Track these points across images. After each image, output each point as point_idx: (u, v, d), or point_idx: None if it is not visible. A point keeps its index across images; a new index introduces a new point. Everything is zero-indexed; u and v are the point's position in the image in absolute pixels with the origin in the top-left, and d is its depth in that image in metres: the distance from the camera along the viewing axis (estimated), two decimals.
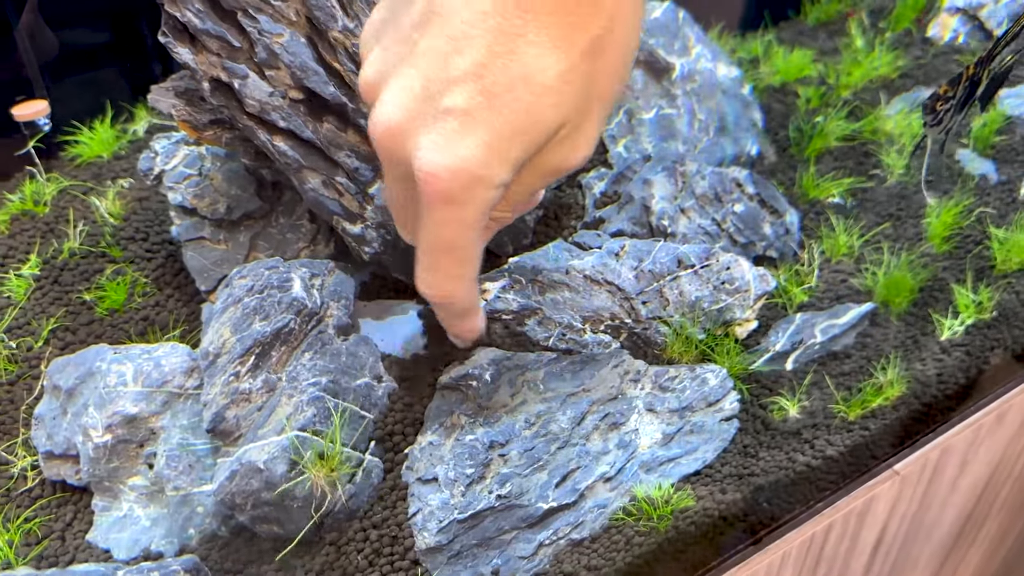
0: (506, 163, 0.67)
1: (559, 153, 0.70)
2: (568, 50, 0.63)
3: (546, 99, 0.64)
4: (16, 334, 1.00)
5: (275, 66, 0.85)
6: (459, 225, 0.70)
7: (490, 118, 0.65)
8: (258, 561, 0.81)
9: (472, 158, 0.65)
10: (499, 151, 0.66)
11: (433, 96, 0.65)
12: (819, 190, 1.16)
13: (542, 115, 0.65)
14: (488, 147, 0.65)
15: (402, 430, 0.89)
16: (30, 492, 0.89)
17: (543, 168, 0.71)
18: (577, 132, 0.69)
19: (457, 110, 0.64)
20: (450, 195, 0.67)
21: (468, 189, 0.67)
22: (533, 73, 0.63)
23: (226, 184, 0.99)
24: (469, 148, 0.65)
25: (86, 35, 1.35)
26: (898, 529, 1.11)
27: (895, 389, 0.95)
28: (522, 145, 0.67)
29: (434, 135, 0.65)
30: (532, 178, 0.72)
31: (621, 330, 0.94)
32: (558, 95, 0.65)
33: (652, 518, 0.83)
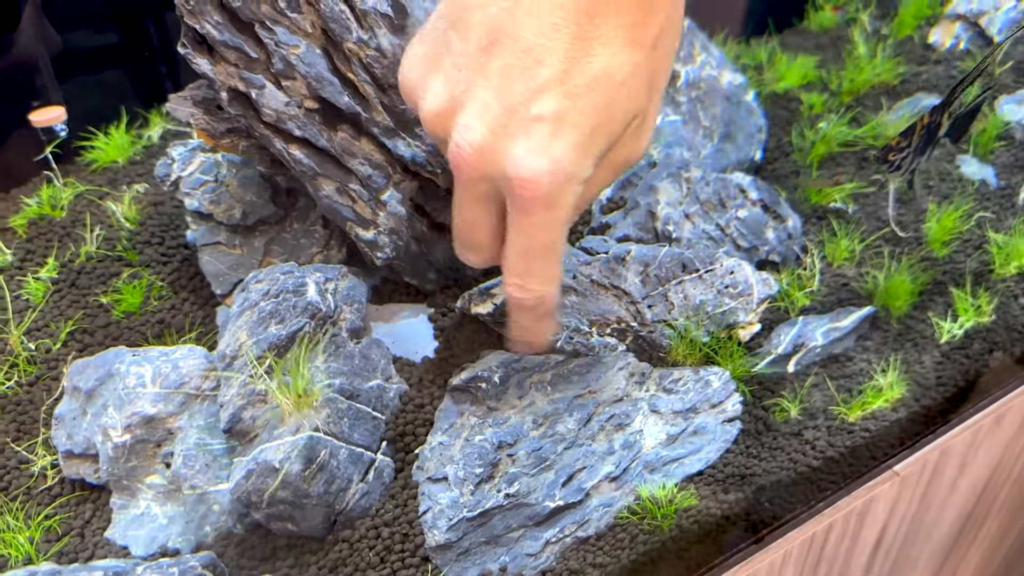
0: (592, 157, 0.72)
1: (628, 144, 0.75)
2: (636, 47, 0.69)
3: (622, 93, 0.70)
4: (35, 336, 1.02)
5: (291, 76, 0.87)
6: (556, 224, 0.74)
7: (577, 118, 0.70)
8: (272, 558, 0.83)
9: (566, 158, 0.70)
10: (586, 147, 0.71)
11: (518, 108, 0.70)
12: (821, 195, 1.18)
13: (620, 108, 0.71)
14: (578, 145, 0.70)
15: (413, 431, 0.91)
16: (50, 490, 0.91)
17: (616, 160, 0.76)
18: (643, 123, 0.75)
19: (549, 115, 0.69)
20: (549, 197, 0.71)
21: (564, 188, 0.71)
22: (610, 71, 0.69)
23: (242, 190, 1.01)
24: (563, 149, 0.70)
25: (98, 40, 1.37)
26: (898, 529, 1.13)
27: (895, 391, 0.97)
28: (605, 138, 0.72)
29: (530, 143, 0.70)
30: (606, 172, 0.77)
31: (627, 333, 0.96)
32: (631, 89, 0.70)
33: (656, 517, 0.84)
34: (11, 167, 1.26)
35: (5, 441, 0.94)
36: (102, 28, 1.36)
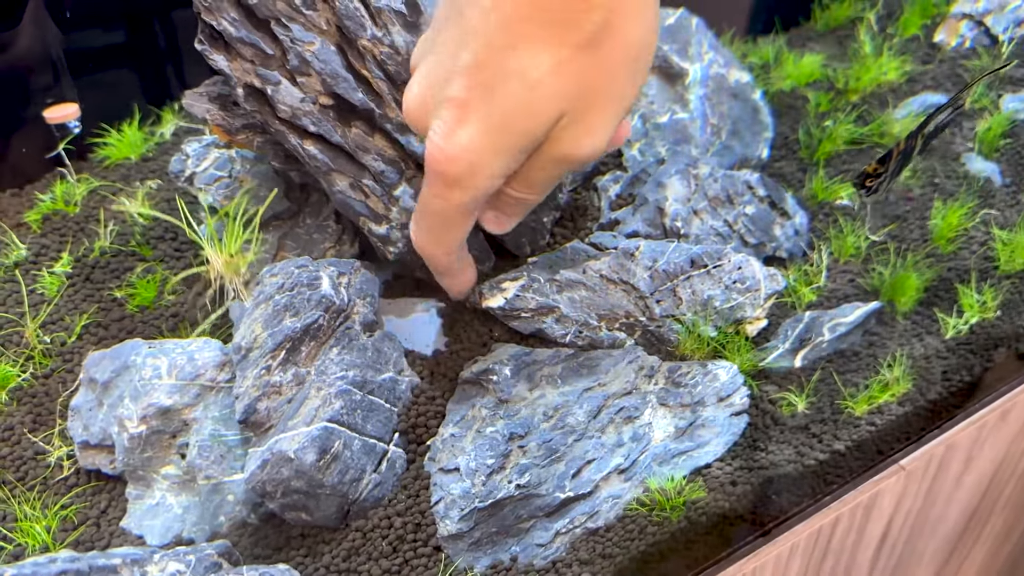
0: (502, 153, 0.72)
1: (564, 143, 0.74)
2: (561, 45, 0.68)
3: (539, 92, 0.69)
4: (50, 329, 1.03)
5: (306, 73, 0.88)
6: (449, 205, 0.76)
7: (486, 109, 0.70)
8: (286, 547, 0.84)
9: (468, 147, 0.71)
10: (494, 141, 0.71)
11: (441, 85, 0.72)
12: (828, 192, 1.19)
13: (536, 107, 0.70)
14: (483, 137, 0.71)
15: (425, 422, 0.92)
16: (66, 481, 0.92)
17: (553, 157, 0.75)
18: (579, 124, 0.73)
19: (456, 100, 0.70)
20: (446, 178, 0.73)
21: (465, 176, 0.73)
22: (527, 68, 0.68)
23: (256, 186, 1.02)
24: (468, 137, 0.71)
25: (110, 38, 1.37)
26: (904, 524, 1.13)
27: (901, 386, 0.98)
28: (516, 138, 0.72)
29: (439, 121, 0.72)
30: (546, 165, 0.76)
31: (636, 327, 0.97)
32: (550, 88, 0.69)
33: (665, 509, 0.85)
34: (25, 163, 1.27)
35: (22, 432, 0.95)
36: (114, 26, 1.37)
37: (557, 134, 0.73)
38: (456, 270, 0.91)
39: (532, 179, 0.78)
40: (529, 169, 0.77)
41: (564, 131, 0.73)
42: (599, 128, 0.74)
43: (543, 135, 0.72)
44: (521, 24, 0.67)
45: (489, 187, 0.75)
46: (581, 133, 0.73)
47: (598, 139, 0.74)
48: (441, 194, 0.75)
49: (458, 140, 0.71)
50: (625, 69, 0.71)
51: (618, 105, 0.74)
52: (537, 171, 0.77)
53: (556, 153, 0.75)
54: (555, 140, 0.73)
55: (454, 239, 0.83)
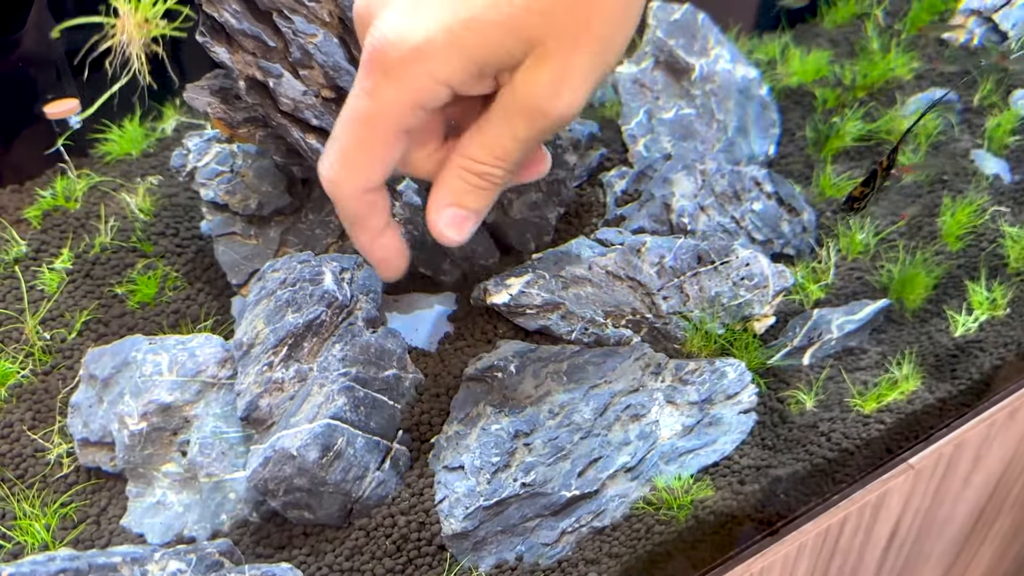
0: (458, 50, 0.61)
1: (538, 86, 0.62)
2: None
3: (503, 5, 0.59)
4: (50, 326, 1.03)
5: (309, 65, 0.87)
6: (382, 102, 0.63)
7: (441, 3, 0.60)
8: (289, 546, 0.83)
9: (420, 30, 0.60)
10: (451, 35, 0.60)
11: None
12: (835, 189, 1.18)
13: (511, 14, 0.59)
14: (440, 25, 0.60)
15: (428, 420, 0.91)
16: (66, 478, 0.91)
17: (523, 104, 0.63)
18: (557, 65, 0.62)
19: None
20: (385, 63, 0.61)
21: (406, 62, 0.61)
22: None
23: (257, 181, 1.01)
24: (421, 21, 0.60)
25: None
26: (912, 523, 1.12)
27: (910, 384, 0.97)
28: (483, 38, 0.60)
29: (390, 9, 0.61)
30: (513, 119, 0.65)
31: (642, 324, 0.96)
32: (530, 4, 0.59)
33: (672, 508, 0.84)
34: (25, 159, 1.27)
35: (21, 429, 0.94)
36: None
37: (530, 71, 0.62)
38: (374, 226, 0.72)
39: (497, 137, 0.65)
40: (494, 122, 0.65)
41: (539, 69, 0.62)
42: (580, 77, 0.63)
43: (512, 56, 0.61)
44: None
45: (431, 93, 0.62)
46: (559, 78, 0.62)
47: (578, 91, 0.63)
48: (373, 89, 0.62)
49: (408, 23, 0.60)
50: (616, 12, 0.62)
51: (603, 54, 0.63)
52: (502, 127, 0.65)
53: (528, 98, 0.63)
54: (528, 79, 0.62)
55: (374, 166, 0.67)
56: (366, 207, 0.70)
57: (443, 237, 0.70)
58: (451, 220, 0.69)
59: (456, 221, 0.69)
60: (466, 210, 0.69)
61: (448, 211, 0.69)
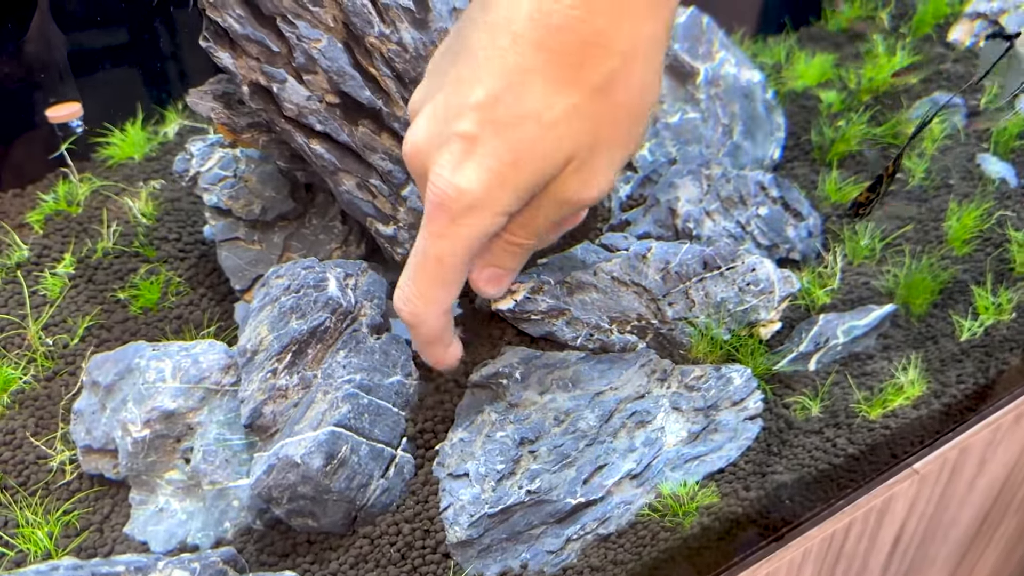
0: (509, 192, 0.70)
1: (571, 186, 0.72)
2: (577, 88, 0.67)
3: (551, 133, 0.68)
4: (52, 331, 1.02)
5: (313, 71, 0.87)
6: (452, 242, 0.73)
7: (496, 146, 0.68)
8: (293, 554, 0.83)
9: (476, 182, 0.69)
10: (502, 179, 0.69)
11: (450, 120, 0.70)
12: (841, 194, 1.17)
13: (547, 148, 0.69)
14: (492, 174, 0.69)
15: (433, 427, 0.90)
16: (68, 485, 0.91)
17: (557, 199, 0.74)
18: (587, 168, 0.72)
19: (466, 136, 0.69)
20: (452, 212, 0.71)
21: (469, 211, 0.70)
22: (541, 109, 0.67)
23: (261, 186, 1.01)
24: (474, 173, 0.69)
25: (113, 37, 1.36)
26: (916, 528, 1.12)
27: (915, 389, 0.96)
28: (527, 176, 0.70)
29: (446, 155, 0.70)
30: (549, 209, 0.75)
31: (647, 330, 0.95)
32: (564, 130, 0.68)
33: (677, 514, 0.84)
34: (27, 163, 1.26)
35: (24, 436, 0.94)
36: (118, 25, 1.36)
37: (564, 177, 0.72)
38: (447, 340, 0.85)
39: (533, 223, 0.76)
40: (531, 211, 0.75)
41: (571, 175, 0.72)
42: (605, 172, 0.73)
43: (552, 175, 0.71)
44: (539, 65, 0.66)
45: (494, 226, 0.73)
46: (588, 177, 0.72)
47: (603, 183, 0.73)
48: (445, 232, 0.72)
49: (466, 173, 0.69)
50: (634, 115, 0.71)
51: (625, 150, 0.73)
52: (539, 214, 0.75)
53: (561, 196, 0.73)
54: (561, 183, 0.72)
55: (449, 293, 0.79)
56: (443, 327, 0.82)
57: (483, 292, 0.83)
58: (490, 278, 0.82)
59: (495, 278, 0.82)
60: (502, 269, 0.82)
61: (487, 271, 0.81)
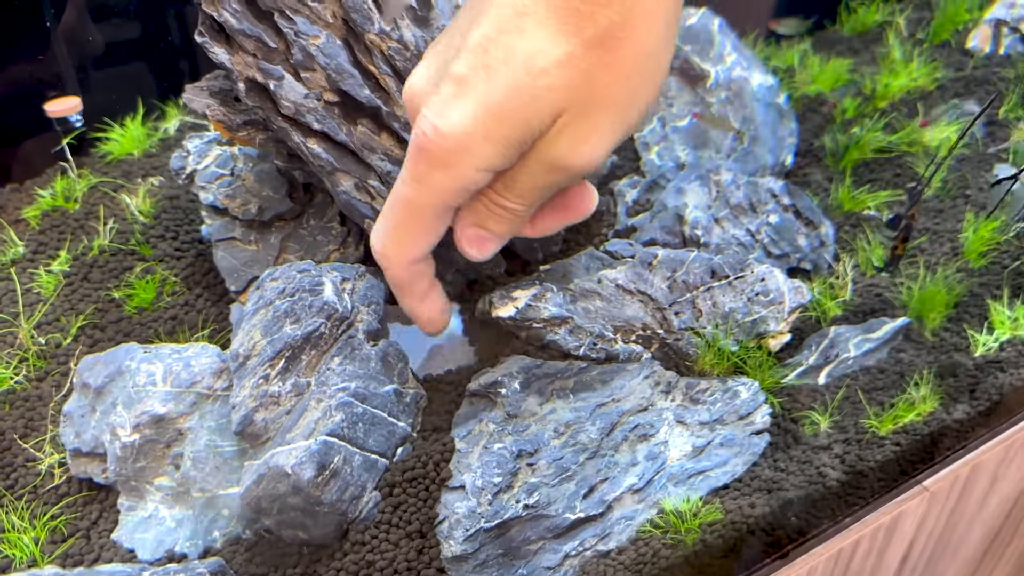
0: (492, 144, 0.68)
1: (560, 147, 0.69)
2: (571, 37, 0.65)
3: (540, 81, 0.66)
4: (45, 330, 1.01)
5: (311, 68, 0.85)
6: (426, 190, 0.71)
7: (485, 89, 0.66)
8: (283, 565, 0.81)
9: (459, 127, 0.67)
10: (488, 126, 0.67)
11: (448, 62, 0.69)
12: (854, 202, 1.15)
13: (537, 95, 0.66)
14: (476, 122, 0.67)
15: (429, 437, 0.88)
16: (56, 490, 0.89)
17: (545, 161, 0.71)
18: (578, 128, 0.69)
19: (457, 76, 0.67)
20: (431, 156, 0.69)
21: (451, 154, 0.68)
22: (533, 54, 0.65)
23: (258, 185, 0.99)
24: (461, 115, 0.67)
25: (117, 32, 1.35)
26: (925, 546, 1.10)
27: (927, 405, 0.94)
28: (511, 128, 0.67)
29: (436, 97, 0.68)
30: (536, 171, 0.72)
31: (653, 340, 0.93)
32: (554, 79, 0.66)
33: (679, 531, 0.82)
34: (25, 158, 1.25)
35: (12, 438, 0.92)
36: (120, 20, 1.35)
37: (554, 135, 0.69)
38: (419, 291, 0.82)
39: (521, 184, 0.73)
40: (519, 172, 0.72)
41: (561, 133, 0.69)
42: (598, 136, 0.69)
43: (539, 129, 0.68)
44: (536, 10, 0.64)
45: (472, 181, 0.70)
46: (579, 138, 0.69)
47: (596, 148, 0.70)
48: (421, 176, 0.70)
49: (451, 116, 0.67)
50: (633, 77, 0.68)
51: (622, 115, 0.70)
52: (527, 176, 0.72)
53: (550, 156, 0.70)
54: (551, 142, 0.69)
55: (420, 242, 0.76)
56: (412, 275, 0.79)
57: (466, 253, 0.78)
58: (473, 238, 0.78)
59: (477, 239, 0.78)
60: (487, 232, 0.77)
61: (470, 230, 0.77)
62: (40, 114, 1.18)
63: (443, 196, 0.71)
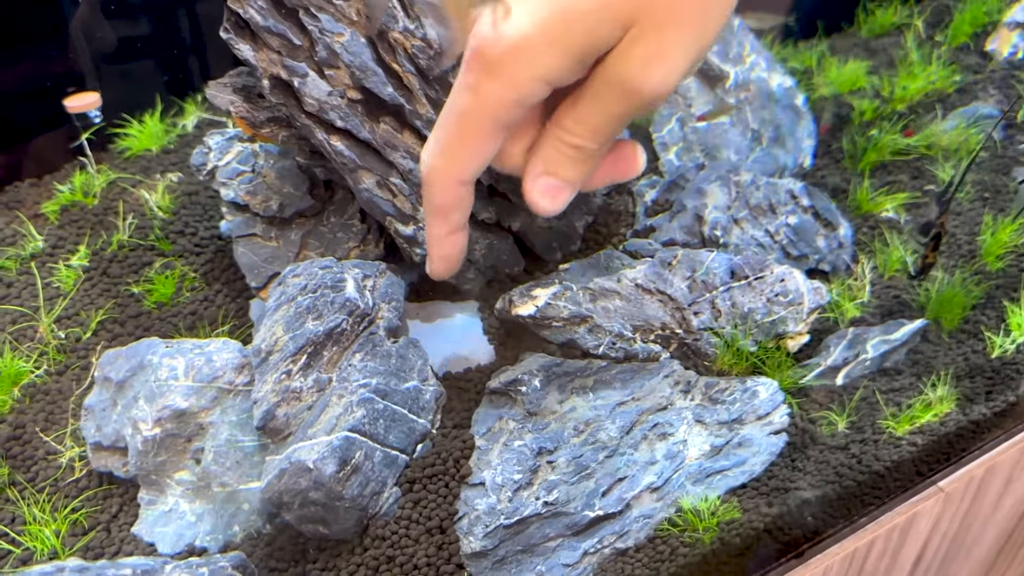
0: (555, 51, 0.63)
1: (632, 64, 0.63)
2: None
3: None
4: (65, 324, 1.01)
5: (335, 65, 0.85)
6: (480, 100, 0.66)
7: None
8: (302, 560, 0.81)
9: (522, 27, 0.62)
10: (552, 29, 0.62)
11: None
12: (873, 204, 1.15)
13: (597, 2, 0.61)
14: (540, 24, 0.62)
15: (449, 434, 0.88)
16: (77, 483, 0.89)
17: (617, 82, 0.65)
18: (649, 43, 0.63)
19: None
20: (488, 62, 0.64)
21: (509, 62, 0.63)
22: None
23: (279, 182, 0.99)
24: (521, 18, 0.62)
25: (136, 28, 1.35)
26: (939, 546, 1.10)
27: (944, 406, 0.94)
28: (579, 31, 0.62)
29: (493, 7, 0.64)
30: (609, 97, 0.66)
31: (672, 340, 0.93)
32: None
33: (697, 530, 0.82)
34: (44, 153, 1.25)
35: (34, 431, 0.92)
36: (138, 15, 1.35)
37: (623, 51, 0.63)
38: (454, 220, 0.75)
39: (592, 115, 0.67)
40: (589, 101, 0.67)
41: (631, 49, 0.63)
42: (673, 54, 0.63)
43: (607, 40, 0.63)
44: None
45: (530, 91, 0.65)
46: (652, 55, 0.63)
47: (671, 68, 0.64)
48: (476, 84, 0.65)
49: (514, 18, 0.62)
50: None
51: (697, 33, 0.64)
52: (598, 103, 0.67)
53: (620, 77, 0.64)
54: (620, 58, 0.63)
55: (471, 160, 0.70)
56: (455, 199, 0.72)
57: (537, 206, 0.72)
58: (545, 189, 0.71)
59: (550, 190, 0.71)
60: (560, 180, 0.71)
61: (542, 180, 0.71)
62: (58, 109, 1.19)
63: (497, 108, 0.66)
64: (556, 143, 0.69)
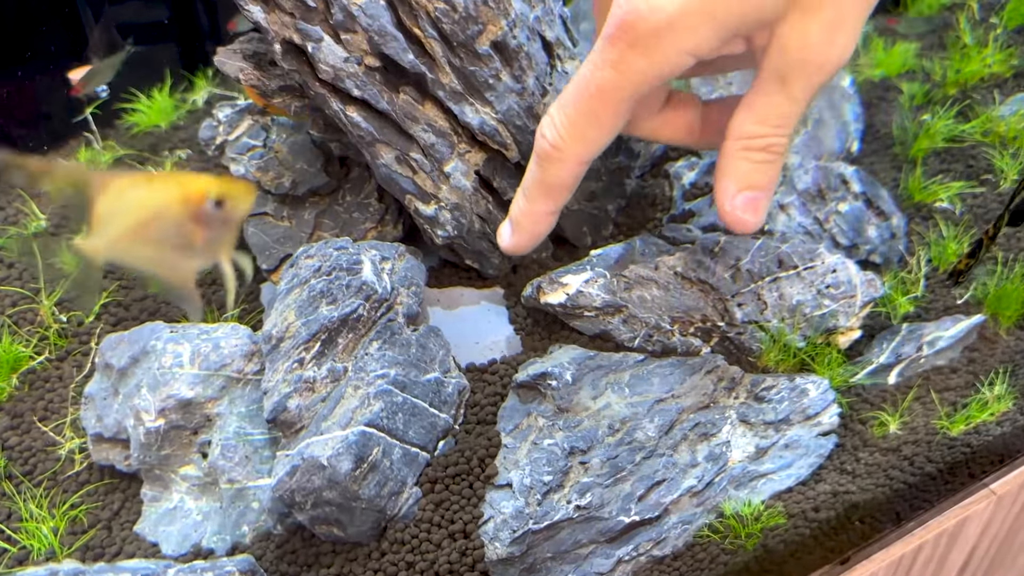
0: (708, 21, 0.62)
1: (810, 36, 0.62)
2: None
3: None
4: (67, 307, 0.97)
5: (352, 29, 0.79)
6: (622, 75, 0.65)
7: None
8: (316, 564, 0.76)
9: (676, 2, 0.61)
10: (703, 5, 0.61)
11: None
12: (925, 193, 1.09)
13: None
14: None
15: (473, 430, 0.83)
16: (77, 476, 0.85)
17: (800, 59, 0.63)
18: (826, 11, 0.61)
19: None
20: (635, 34, 0.63)
21: (657, 35, 0.62)
22: None
23: (292, 157, 0.94)
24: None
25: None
26: (987, 552, 1.06)
27: (1001, 405, 0.89)
28: (731, 5, 0.61)
29: None
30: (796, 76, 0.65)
31: (713, 333, 0.87)
32: None
33: (740, 536, 0.77)
34: (49, 128, 1.22)
35: (32, 420, 0.88)
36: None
37: (799, 27, 0.62)
38: (562, 200, 0.75)
39: (772, 107, 0.66)
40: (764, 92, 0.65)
41: (806, 23, 0.62)
42: (852, 18, 0.62)
43: (764, 15, 0.62)
44: None
45: (676, 65, 0.64)
46: (832, 24, 0.62)
47: (850, 35, 0.63)
48: (618, 59, 0.64)
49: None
50: None
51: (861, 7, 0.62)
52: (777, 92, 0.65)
53: (802, 52, 0.63)
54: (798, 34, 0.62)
55: (603, 136, 0.70)
56: (573, 179, 0.73)
57: (741, 224, 0.71)
58: (746, 204, 0.70)
59: (751, 204, 0.70)
60: (757, 190, 0.70)
61: (740, 197, 0.70)
62: (63, 82, 1.15)
63: (640, 84, 0.65)
64: (743, 154, 0.68)
